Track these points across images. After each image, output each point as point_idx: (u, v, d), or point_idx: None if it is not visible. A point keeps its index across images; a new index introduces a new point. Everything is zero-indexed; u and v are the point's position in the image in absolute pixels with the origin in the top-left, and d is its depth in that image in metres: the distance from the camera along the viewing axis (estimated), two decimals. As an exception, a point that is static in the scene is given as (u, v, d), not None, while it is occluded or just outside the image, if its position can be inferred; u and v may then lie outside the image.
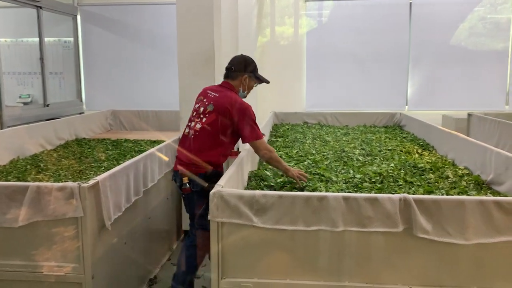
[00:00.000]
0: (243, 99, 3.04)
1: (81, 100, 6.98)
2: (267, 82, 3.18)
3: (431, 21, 7.19)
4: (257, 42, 7.09)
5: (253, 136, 2.90)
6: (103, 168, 3.57)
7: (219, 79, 3.89)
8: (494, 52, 7.18)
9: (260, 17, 7.39)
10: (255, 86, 3.21)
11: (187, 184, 2.86)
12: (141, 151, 3.83)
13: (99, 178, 2.55)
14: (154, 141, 4.73)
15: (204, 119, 2.92)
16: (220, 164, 3.02)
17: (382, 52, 7.27)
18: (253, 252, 2.10)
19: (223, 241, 2.10)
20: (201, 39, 3.74)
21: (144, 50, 7.01)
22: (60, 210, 2.41)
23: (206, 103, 2.97)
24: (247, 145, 3.25)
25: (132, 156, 3.55)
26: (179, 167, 2.94)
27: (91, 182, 2.47)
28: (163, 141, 4.01)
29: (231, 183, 2.43)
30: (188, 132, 3.00)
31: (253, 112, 2.95)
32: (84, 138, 5.02)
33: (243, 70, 3.04)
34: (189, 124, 3.03)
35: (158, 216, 3.57)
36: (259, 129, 2.95)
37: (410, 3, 7.13)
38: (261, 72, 3.23)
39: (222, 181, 2.28)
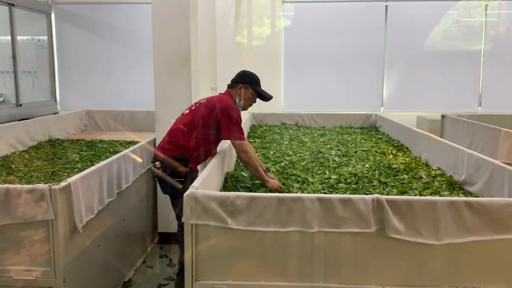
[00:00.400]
0: (241, 110, 3.18)
1: (55, 100, 6.85)
2: (268, 97, 3.27)
3: (406, 24, 7.30)
4: (235, 43, 7.07)
5: (233, 135, 2.99)
6: (76, 169, 3.50)
7: (195, 79, 3.87)
8: (467, 54, 7.33)
9: (238, 18, 7.38)
10: (254, 99, 3.29)
11: (160, 168, 2.97)
12: (116, 152, 3.77)
13: (70, 180, 2.49)
14: (130, 142, 4.67)
15: (193, 107, 3.15)
16: (193, 151, 3.06)
17: (358, 53, 7.35)
18: (227, 254, 2.08)
19: (197, 243, 2.08)
20: (177, 39, 3.70)
21: (119, 50, 6.92)
22: (30, 213, 2.35)
23: (203, 98, 3.22)
24: (225, 146, 3.26)
25: (107, 157, 3.49)
26: (157, 149, 3.11)
27: (63, 184, 2.41)
28: (139, 142, 3.96)
29: (206, 184, 2.41)
30: (179, 116, 3.20)
31: (239, 115, 3.07)
32: (58, 139, 4.92)
33: (239, 80, 3.23)
34: (183, 111, 3.22)
35: (132, 218, 3.52)
36: (241, 132, 3.03)
37: (386, 6, 7.23)
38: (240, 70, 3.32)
39: (196, 183, 2.26)
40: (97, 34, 6.91)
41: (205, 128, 3.05)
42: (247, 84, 3.21)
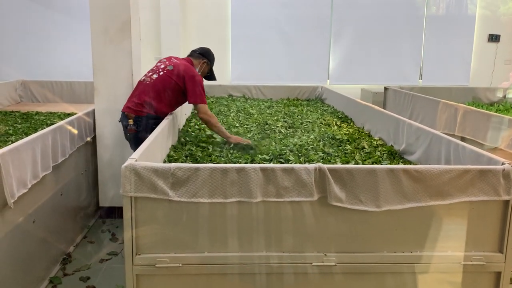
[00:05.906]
0: None
1: (-14, 69, 6.38)
2: (215, 79, 3.79)
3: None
4: (181, 13, 6.84)
5: (197, 98, 3.34)
6: (10, 142, 3.28)
7: (136, 47, 3.71)
8: (410, 29, 7.51)
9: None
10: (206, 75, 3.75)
11: (132, 126, 3.28)
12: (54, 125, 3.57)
13: (-1, 152, 2.32)
14: (69, 114, 4.45)
15: (161, 73, 3.40)
16: (163, 113, 3.37)
17: (306, 26, 7.35)
18: (169, 226, 2.03)
19: (137, 216, 2.00)
20: (116, 4, 3.50)
21: (57, 16, 6.52)
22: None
23: (167, 63, 3.47)
24: (168, 117, 3.21)
25: (43, 130, 3.29)
26: (126, 109, 3.35)
27: (-10, 157, 2.24)
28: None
29: (147, 155, 2.33)
30: (144, 80, 3.43)
31: (202, 82, 3.44)
32: (-11, 111, 4.61)
33: (205, 56, 3.64)
34: (147, 74, 3.48)
35: (71, 192, 3.37)
36: (204, 96, 3.38)
37: (333, -22, 7.22)
38: (186, 41, 3.51)
39: (136, 154, 2.17)
40: (31, -1, 6.47)
41: (175, 95, 3.38)
42: (209, 62, 3.67)
